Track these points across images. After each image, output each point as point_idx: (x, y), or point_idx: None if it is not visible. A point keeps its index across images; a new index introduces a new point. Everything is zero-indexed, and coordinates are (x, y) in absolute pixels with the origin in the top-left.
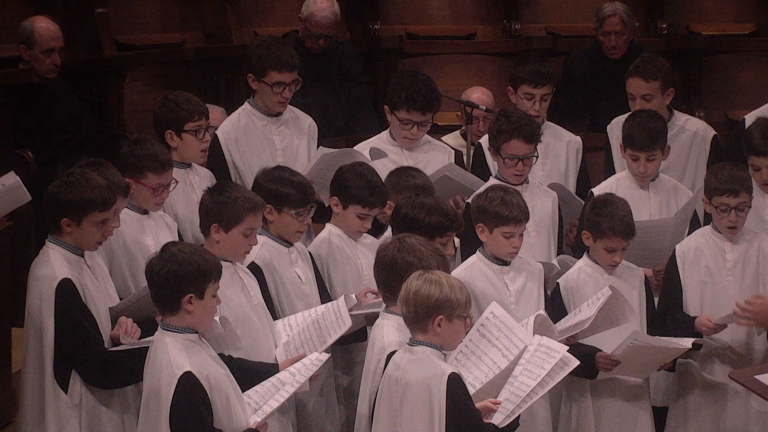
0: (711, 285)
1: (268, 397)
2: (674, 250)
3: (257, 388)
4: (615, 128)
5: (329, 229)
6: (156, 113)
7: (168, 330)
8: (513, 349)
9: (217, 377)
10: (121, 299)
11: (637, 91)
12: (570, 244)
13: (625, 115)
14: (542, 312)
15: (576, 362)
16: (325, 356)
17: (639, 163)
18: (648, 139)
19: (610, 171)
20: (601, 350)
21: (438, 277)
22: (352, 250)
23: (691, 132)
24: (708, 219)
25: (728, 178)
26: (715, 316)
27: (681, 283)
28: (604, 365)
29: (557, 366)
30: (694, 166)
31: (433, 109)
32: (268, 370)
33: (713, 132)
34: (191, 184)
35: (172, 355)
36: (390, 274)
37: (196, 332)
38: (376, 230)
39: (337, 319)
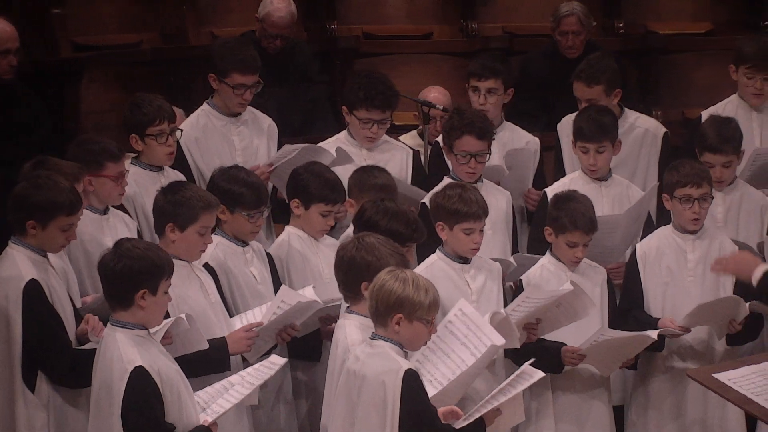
0: (672, 285)
1: (217, 397)
2: (635, 249)
3: (207, 389)
4: (565, 127)
5: (289, 231)
6: (124, 116)
7: (118, 326)
8: (481, 347)
9: (168, 372)
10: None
11: (582, 95)
12: (532, 208)
13: (575, 114)
14: (501, 311)
15: (540, 374)
16: (282, 360)
17: (589, 155)
18: (597, 130)
19: (559, 169)
20: (566, 344)
21: (406, 275)
22: (313, 251)
23: (642, 130)
24: (662, 220)
25: (690, 171)
26: (677, 317)
27: (642, 284)
28: (570, 359)
29: (521, 378)
30: (646, 163)
31: (392, 106)
32: (216, 345)
33: (664, 129)
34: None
35: (123, 349)
36: (349, 273)
37: (146, 328)
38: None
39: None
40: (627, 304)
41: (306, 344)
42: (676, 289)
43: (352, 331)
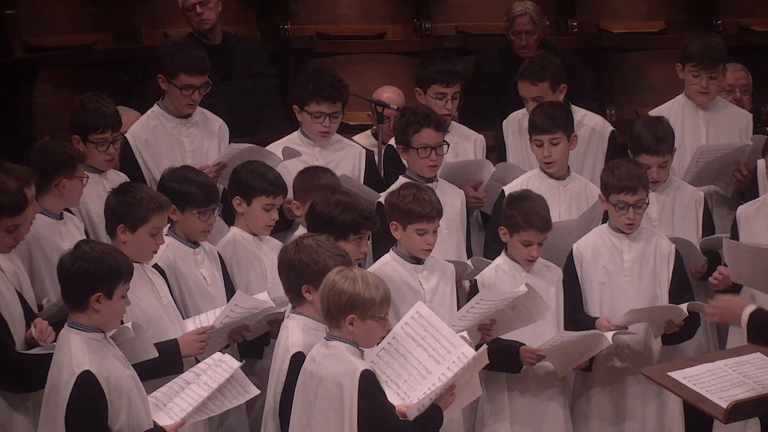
0: (609, 285)
1: (172, 396)
2: (572, 250)
3: (162, 389)
4: (510, 124)
5: (234, 231)
6: (72, 115)
7: (74, 327)
8: (442, 352)
9: (118, 377)
10: (38, 303)
11: (528, 93)
12: (482, 208)
13: (521, 111)
14: (467, 337)
15: (471, 352)
16: (236, 363)
17: (543, 148)
18: (549, 121)
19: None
20: (524, 344)
21: (355, 274)
22: (257, 252)
23: (588, 128)
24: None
25: (625, 175)
26: (615, 317)
27: (579, 284)
28: (528, 359)
29: (458, 361)
30: (592, 161)
31: (342, 97)
32: (168, 347)
33: (611, 128)
34: (105, 189)
35: (74, 353)
36: (289, 275)
37: (103, 332)
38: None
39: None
40: (568, 305)
41: (252, 342)
42: (613, 289)
43: (294, 332)
